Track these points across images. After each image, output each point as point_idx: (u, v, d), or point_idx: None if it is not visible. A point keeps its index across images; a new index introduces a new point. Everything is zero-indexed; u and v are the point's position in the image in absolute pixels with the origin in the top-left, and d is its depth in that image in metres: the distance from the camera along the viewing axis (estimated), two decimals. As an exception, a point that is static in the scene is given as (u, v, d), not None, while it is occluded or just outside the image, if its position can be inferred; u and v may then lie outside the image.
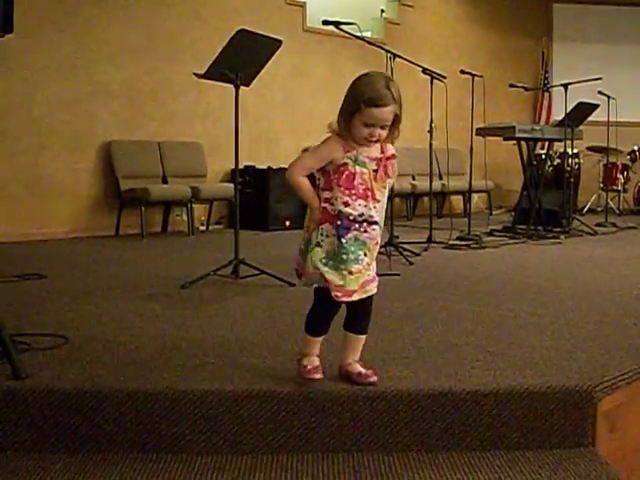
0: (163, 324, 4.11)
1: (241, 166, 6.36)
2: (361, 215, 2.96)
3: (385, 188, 3.04)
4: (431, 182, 8.13)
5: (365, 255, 2.99)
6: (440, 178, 11.21)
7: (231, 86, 5.42)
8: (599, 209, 11.87)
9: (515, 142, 9.32)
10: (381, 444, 2.99)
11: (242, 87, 5.48)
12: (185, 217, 9.00)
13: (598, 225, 9.77)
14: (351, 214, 2.94)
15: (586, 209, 12.10)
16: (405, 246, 6.85)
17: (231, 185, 8.86)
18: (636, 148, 12.33)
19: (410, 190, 11.19)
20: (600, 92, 9.99)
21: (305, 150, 3.29)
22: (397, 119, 2.96)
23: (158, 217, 9.30)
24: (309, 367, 3.06)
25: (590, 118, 9.56)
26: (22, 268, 5.88)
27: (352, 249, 2.95)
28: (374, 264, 3.08)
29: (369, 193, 2.97)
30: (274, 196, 9.40)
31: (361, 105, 2.87)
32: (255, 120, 9.79)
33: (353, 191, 2.94)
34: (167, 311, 4.47)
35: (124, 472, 2.85)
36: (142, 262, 6.66)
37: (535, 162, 9.86)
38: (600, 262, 6.82)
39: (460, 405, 3.03)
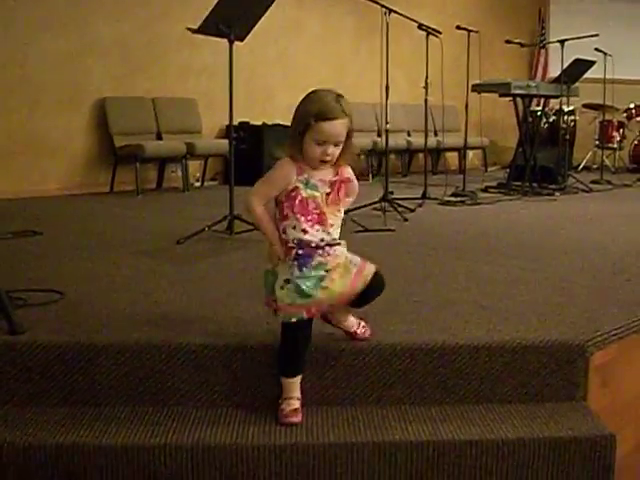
0: (158, 279, 4.12)
1: (236, 122, 6.38)
2: (322, 240, 2.85)
3: (340, 212, 2.92)
4: (426, 138, 8.11)
5: (327, 271, 2.84)
6: (435, 134, 11.19)
7: (225, 41, 5.39)
8: (594, 167, 11.87)
9: (511, 99, 9.29)
10: (375, 397, 3.02)
11: (236, 42, 5.45)
12: (180, 173, 8.99)
13: (593, 182, 9.76)
14: (312, 241, 2.83)
15: (581, 167, 12.09)
16: (400, 202, 6.85)
17: (226, 141, 8.81)
18: (632, 106, 12.28)
19: (405, 146, 11.16)
20: (597, 49, 9.94)
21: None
22: (350, 135, 2.82)
23: (153, 173, 9.28)
24: (287, 410, 2.88)
25: (586, 75, 9.52)
26: (17, 225, 5.88)
27: (312, 273, 2.82)
28: (352, 256, 2.93)
29: (324, 217, 2.85)
30: (269, 152, 9.36)
31: (311, 121, 2.72)
32: (250, 76, 9.73)
33: (309, 217, 2.83)
34: (162, 266, 4.49)
35: (120, 425, 2.88)
36: (137, 218, 6.67)
37: (531, 119, 9.83)
38: (595, 219, 6.83)
39: (453, 359, 3.06)
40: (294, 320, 2.85)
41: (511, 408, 3.05)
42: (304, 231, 2.82)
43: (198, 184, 9.45)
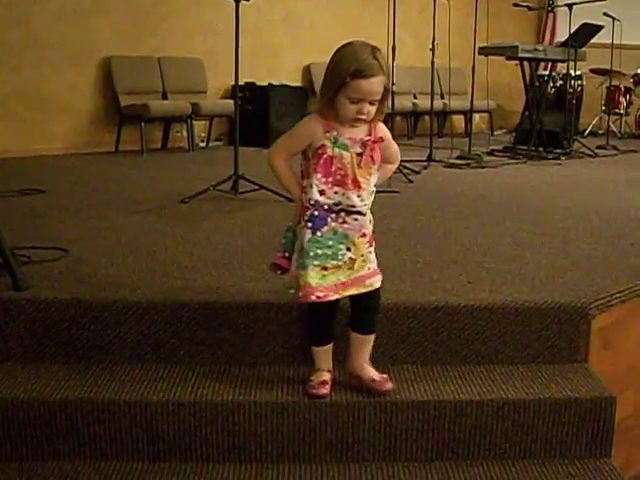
0: (163, 238, 4.13)
1: (241, 82, 6.34)
2: (337, 204, 2.67)
3: (371, 175, 2.71)
4: (432, 101, 8.09)
5: (348, 250, 2.70)
6: (442, 97, 11.13)
7: (232, 0, 5.36)
8: (600, 132, 11.81)
9: (518, 62, 9.23)
10: (377, 356, 3.02)
11: (242, 1, 5.41)
12: (185, 133, 8.98)
13: (599, 148, 9.73)
14: (326, 203, 2.66)
15: (587, 132, 12.03)
16: (405, 164, 6.84)
17: (231, 101, 8.81)
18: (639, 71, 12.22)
19: (411, 109, 11.11)
20: (605, 14, 9.86)
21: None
22: (386, 93, 2.63)
23: (158, 133, 9.26)
24: (314, 382, 2.81)
25: (594, 40, 9.45)
26: (21, 184, 5.88)
27: (330, 243, 2.67)
28: (372, 256, 2.77)
29: (348, 180, 2.66)
30: (274, 113, 9.35)
31: (347, 78, 2.53)
32: (256, 36, 9.67)
33: (330, 178, 2.66)
34: (167, 225, 4.49)
35: (123, 381, 2.90)
36: (142, 178, 6.66)
37: (537, 83, 9.78)
38: (600, 184, 6.82)
39: (456, 319, 3.07)
40: (292, 291, 2.77)
41: (512, 369, 3.07)
42: (322, 192, 2.66)
43: (203, 144, 9.43)
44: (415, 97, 11.48)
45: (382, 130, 2.74)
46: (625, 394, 3.33)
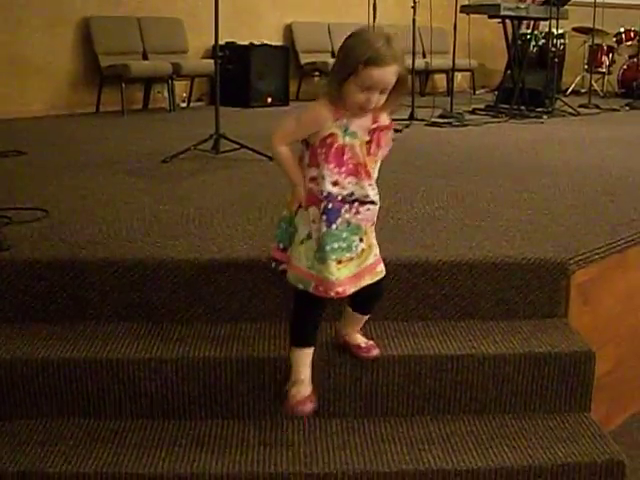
0: (144, 197, 4.12)
1: (222, 42, 6.30)
2: (351, 194, 2.55)
3: (376, 163, 2.62)
4: (414, 60, 8.05)
5: (361, 241, 2.61)
6: (423, 56, 11.08)
7: (212, -42, 5.32)
8: (583, 91, 11.78)
9: (500, 21, 9.20)
10: (358, 313, 3.04)
11: (223, -41, 5.37)
12: (166, 94, 8.91)
13: (581, 106, 9.71)
14: (340, 194, 2.54)
15: (570, 90, 12.00)
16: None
17: (212, 61, 8.70)
18: (622, 30, 12.16)
19: (393, 68, 11.04)
20: (588, -30, 9.83)
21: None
22: (401, 83, 2.49)
23: (139, 94, 9.19)
24: (298, 398, 2.65)
25: (577, -2, 9.43)
26: (1, 146, 5.83)
27: (344, 235, 2.56)
28: (374, 241, 2.68)
29: (361, 169, 2.55)
30: (255, 72, 9.28)
31: (359, 66, 2.39)
32: (237, -5, 9.60)
33: (343, 168, 2.53)
34: (148, 185, 4.48)
35: (105, 340, 2.91)
36: (123, 138, 6.61)
37: (520, 42, 9.76)
38: (581, 142, 6.82)
39: (436, 275, 3.09)
40: (301, 287, 2.61)
41: (493, 324, 3.10)
42: (335, 183, 2.53)
43: (184, 105, 9.36)
44: (397, 56, 11.40)
45: (387, 118, 2.63)
46: (604, 349, 3.36)
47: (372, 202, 2.60)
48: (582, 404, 2.96)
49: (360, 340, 2.82)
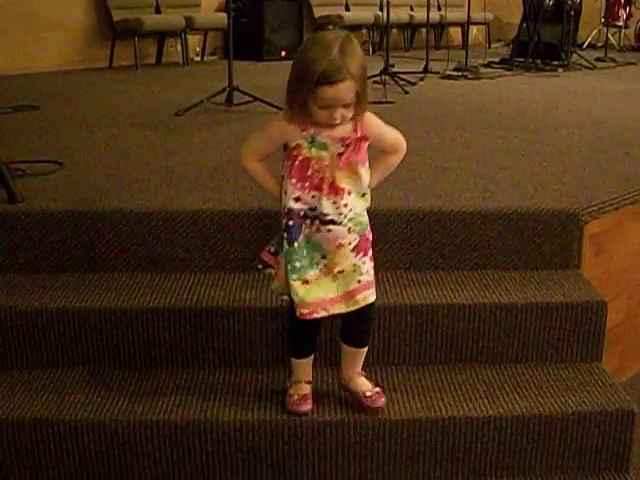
0: (157, 149, 4.13)
1: (235, -6, 6.24)
2: (313, 209, 2.34)
3: (360, 177, 2.37)
4: (429, 13, 8.01)
5: (323, 257, 2.39)
6: (438, 9, 11.01)
7: None
8: (599, 44, 11.69)
9: (516, -28, 9.12)
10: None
11: None
12: (179, 48, 8.89)
13: (597, 60, 9.65)
14: (302, 209, 2.34)
15: (586, 44, 11.91)
16: (401, 76, 6.79)
17: (225, 15, 8.68)
18: (640, -17, 12.05)
19: (407, 21, 10.98)
20: None
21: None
22: (360, 96, 2.25)
23: (152, 48, 9.17)
24: (295, 397, 2.59)
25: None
26: (15, 101, 5.84)
27: (304, 252, 2.37)
28: (366, 267, 2.44)
29: (324, 184, 2.32)
30: (269, 26, 9.24)
31: (311, 85, 2.17)
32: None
33: (306, 183, 2.33)
34: (161, 137, 4.49)
35: (119, 290, 2.94)
36: (136, 92, 6.61)
37: (536, -6, 9.66)
38: (597, 95, 6.78)
39: (449, 225, 3.09)
40: (286, 297, 2.48)
41: (505, 274, 3.10)
42: (297, 199, 2.34)
43: (198, 58, 9.35)
44: (412, 9, 11.34)
45: (370, 124, 2.38)
46: (616, 301, 3.37)
47: (332, 222, 2.35)
48: (593, 354, 2.96)
49: (365, 387, 2.60)
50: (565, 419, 2.63)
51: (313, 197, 2.34)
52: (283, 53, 9.31)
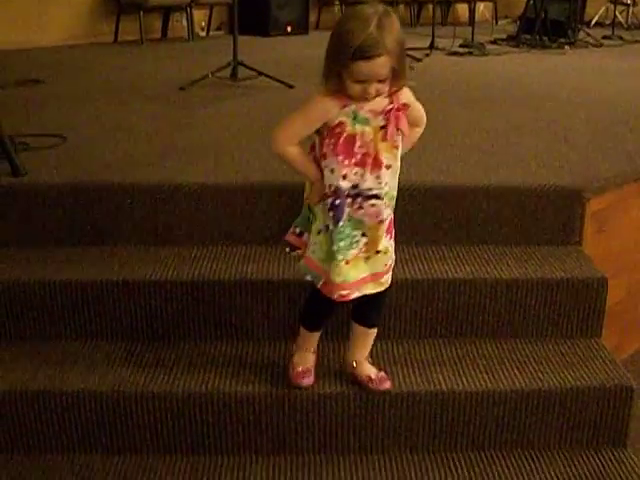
0: (161, 123, 4.14)
1: (241, -32, 6.23)
2: (355, 187, 2.34)
3: (397, 149, 2.38)
4: (435, -11, 7.97)
5: (363, 235, 2.40)
6: (446, -15, 10.97)
7: None
8: (607, 22, 11.64)
9: (523, -52, 9.07)
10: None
11: None
12: (184, 22, 8.86)
13: (604, 38, 9.60)
14: (347, 188, 2.34)
15: (593, 22, 11.85)
16: (406, 51, 6.76)
17: (231, -10, 8.68)
18: (649, -41, 11.99)
19: (414, -3, 10.95)
20: None
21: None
22: (396, 72, 2.24)
23: (157, 23, 9.13)
24: (299, 369, 2.61)
25: None
26: (19, 75, 5.83)
27: (347, 231, 2.37)
28: (392, 250, 2.48)
29: (369, 159, 2.33)
30: (275, 1, 9.20)
31: (345, 60, 2.16)
32: None
33: (352, 160, 2.32)
34: (165, 111, 4.49)
35: (122, 263, 2.96)
36: (141, 67, 6.59)
37: (543, -30, 9.61)
38: (604, 73, 6.75)
39: (450, 200, 3.11)
40: (309, 279, 2.50)
41: (507, 250, 3.11)
42: (344, 176, 2.32)
43: (203, 33, 9.31)
44: (418, -15, 11.30)
45: (405, 95, 2.39)
46: (618, 278, 3.38)
47: (376, 196, 2.36)
48: (593, 330, 2.97)
49: (370, 371, 2.63)
50: (564, 394, 2.65)
51: (355, 174, 2.33)
52: (289, 29, 9.27)
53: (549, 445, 2.70)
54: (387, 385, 2.59)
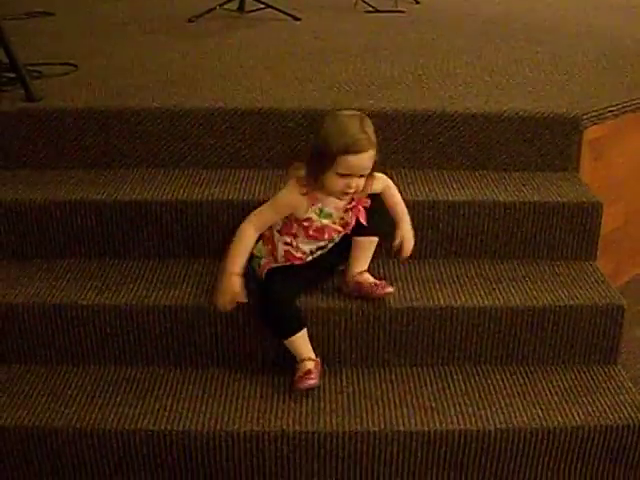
0: (170, 53, 4.18)
1: None
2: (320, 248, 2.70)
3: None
4: None
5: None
6: None
7: None
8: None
9: None
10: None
11: None
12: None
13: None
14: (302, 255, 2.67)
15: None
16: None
17: None
18: None
19: None
20: None
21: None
22: (374, 167, 2.50)
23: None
24: (296, 375, 2.60)
25: None
26: (30, 6, 5.85)
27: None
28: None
29: (328, 236, 2.65)
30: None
31: (335, 155, 2.38)
32: None
33: (321, 243, 2.66)
34: (174, 42, 4.52)
35: (135, 184, 3.06)
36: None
37: None
38: (606, 6, 6.73)
39: (451, 126, 3.18)
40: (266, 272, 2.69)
41: (505, 175, 3.20)
42: (311, 251, 2.67)
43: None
44: None
45: (380, 181, 2.65)
46: (614, 207, 3.46)
47: (325, 247, 2.70)
48: (588, 253, 3.05)
49: (373, 279, 2.72)
50: (557, 312, 2.74)
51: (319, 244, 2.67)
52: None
53: (543, 361, 2.79)
54: (390, 289, 2.68)
